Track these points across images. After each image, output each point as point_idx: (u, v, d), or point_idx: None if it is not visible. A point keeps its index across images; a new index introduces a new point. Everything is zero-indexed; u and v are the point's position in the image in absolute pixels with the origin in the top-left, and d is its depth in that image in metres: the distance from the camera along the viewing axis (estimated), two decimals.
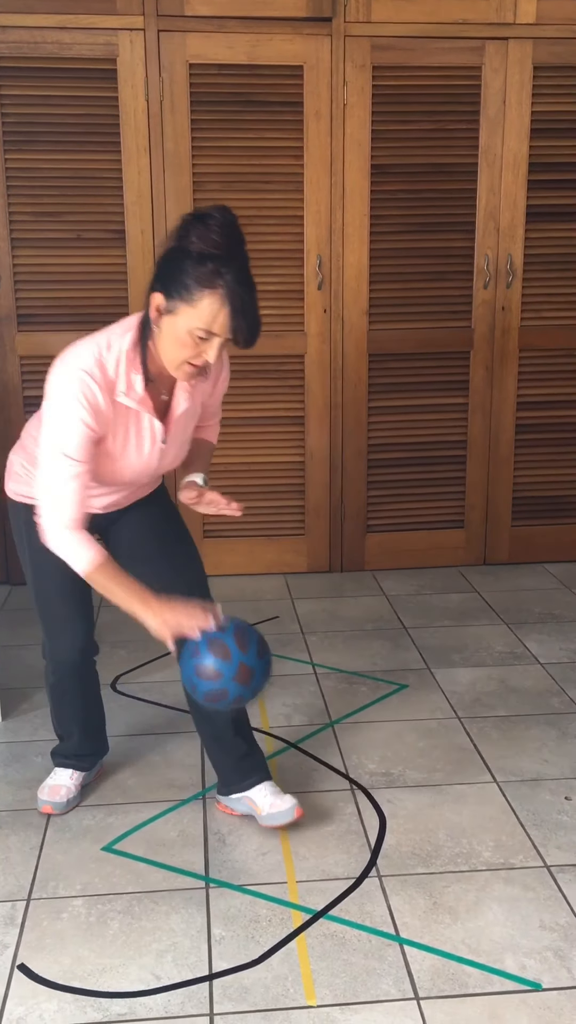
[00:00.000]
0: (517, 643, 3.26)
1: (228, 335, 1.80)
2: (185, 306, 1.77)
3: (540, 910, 1.95)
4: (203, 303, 1.76)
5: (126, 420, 1.92)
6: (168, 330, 1.82)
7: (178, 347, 1.82)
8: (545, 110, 3.66)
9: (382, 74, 3.57)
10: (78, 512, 1.87)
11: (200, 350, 1.81)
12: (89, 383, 1.83)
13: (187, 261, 1.76)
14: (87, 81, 3.47)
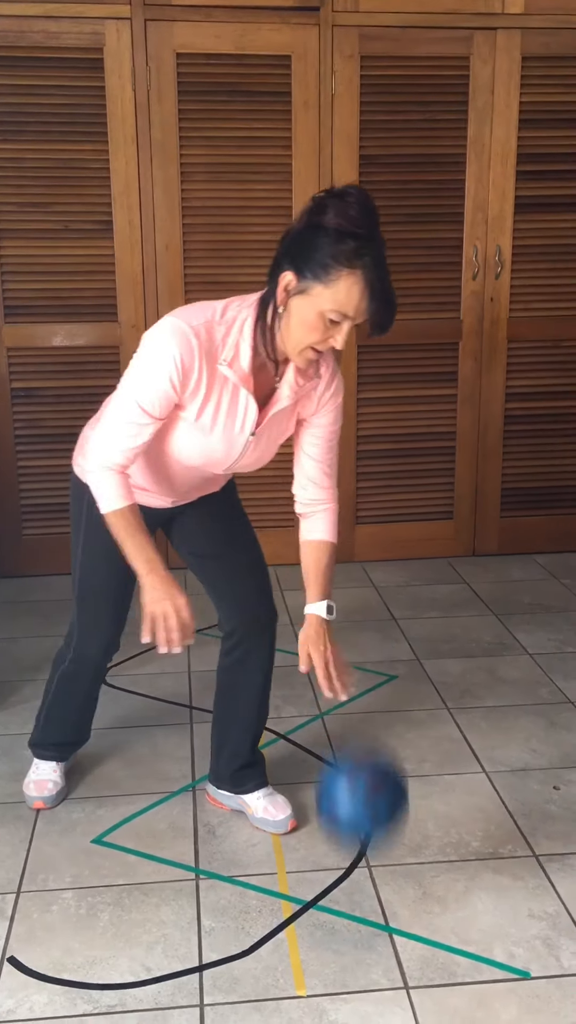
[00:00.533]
0: (506, 634, 3.27)
1: (362, 319, 1.69)
2: (320, 286, 1.65)
3: (529, 899, 1.96)
4: (340, 284, 1.64)
5: (221, 394, 1.80)
6: (297, 311, 1.69)
7: (306, 330, 1.70)
8: (534, 100, 3.65)
9: (370, 64, 3.55)
10: (127, 459, 1.81)
11: (329, 335, 1.70)
12: (191, 341, 1.73)
13: (324, 238, 1.63)
14: (74, 70, 3.45)
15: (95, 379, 3.71)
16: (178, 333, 1.73)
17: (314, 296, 1.67)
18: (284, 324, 1.73)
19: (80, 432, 2.13)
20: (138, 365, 1.79)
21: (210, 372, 1.77)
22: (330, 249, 1.63)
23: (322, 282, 1.65)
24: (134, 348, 4.12)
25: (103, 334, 3.67)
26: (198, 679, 2.95)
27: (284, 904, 1.95)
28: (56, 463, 3.76)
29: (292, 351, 1.76)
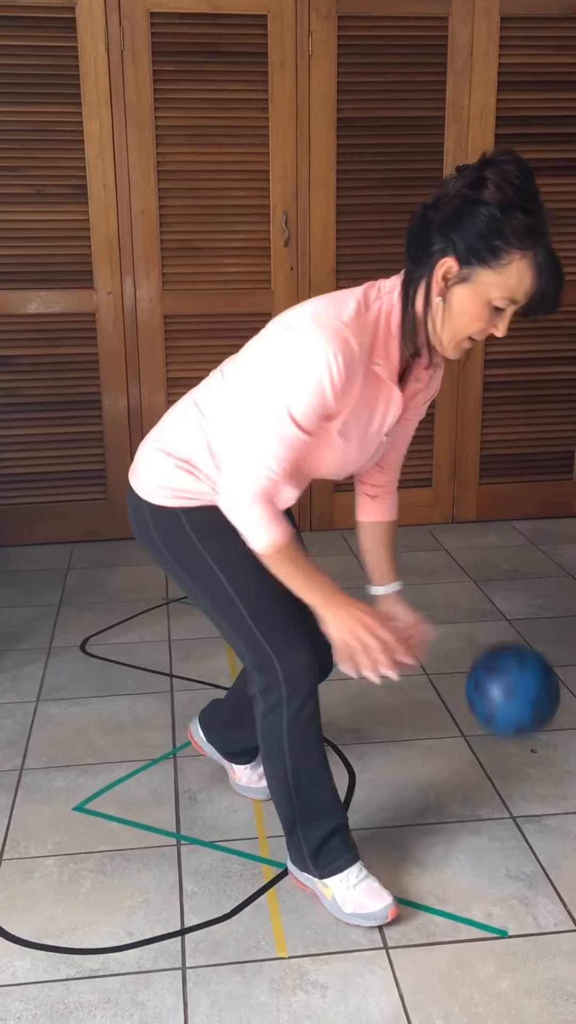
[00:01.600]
0: (485, 600, 3.29)
1: (530, 299, 1.52)
2: (488, 272, 1.48)
3: (506, 860, 1.99)
4: (512, 268, 1.47)
5: (371, 396, 1.61)
6: (459, 301, 1.52)
7: (468, 320, 1.53)
8: (513, 62, 3.61)
9: (348, 24, 3.50)
10: (276, 485, 1.58)
11: (492, 323, 1.55)
12: (351, 342, 1.52)
13: (489, 217, 1.46)
14: (45, 30, 3.37)
15: (72, 347, 3.68)
16: (337, 336, 1.52)
17: (480, 283, 1.49)
18: (439, 315, 1.54)
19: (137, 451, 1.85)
20: (288, 373, 1.54)
21: (363, 374, 1.57)
22: (499, 228, 1.45)
23: (491, 267, 1.48)
24: (111, 315, 4.09)
25: (79, 301, 3.63)
26: (178, 647, 2.96)
27: (265, 868, 1.97)
28: (32, 432, 3.74)
29: (448, 343, 1.57)
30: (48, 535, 3.85)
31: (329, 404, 1.55)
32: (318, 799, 1.81)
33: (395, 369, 1.61)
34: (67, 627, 3.12)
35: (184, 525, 1.73)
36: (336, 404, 1.56)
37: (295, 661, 1.73)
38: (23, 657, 2.91)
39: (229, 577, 1.72)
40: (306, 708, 1.75)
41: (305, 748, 1.78)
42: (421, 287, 1.55)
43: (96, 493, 3.84)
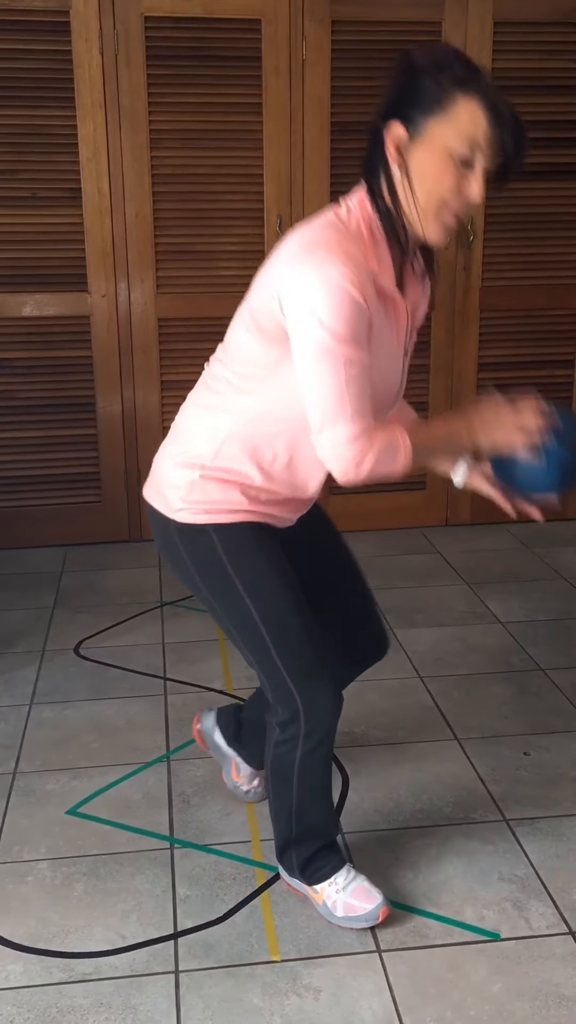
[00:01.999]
0: (478, 603, 3.30)
1: (493, 156, 1.43)
2: (437, 120, 1.40)
3: (499, 863, 1.99)
4: (460, 108, 1.40)
5: (383, 309, 1.50)
6: (419, 164, 1.43)
7: (434, 180, 1.43)
8: (506, 67, 3.62)
9: (342, 29, 3.51)
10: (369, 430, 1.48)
11: (463, 182, 1.44)
12: (351, 250, 1.44)
13: (425, 76, 1.41)
14: (39, 34, 3.38)
15: (66, 350, 3.68)
16: (336, 248, 1.42)
17: (433, 135, 1.41)
18: (405, 191, 1.45)
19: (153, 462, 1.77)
20: (311, 304, 1.42)
21: (375, 294, 1.48)
22: (437, 79, 1.40)
23: (438, 114, 1.40)
24: (105, 318, 4.10)
25: (74, 304, 3.63)
26: (171, 650, 2.96)
27: (258, 871, 1.97)
28: (27, 435, 3.73)
29: (427, 219, 1.47)
30: (42, 538, 3.84)
31: (364, 312, 1.43)
32: (316, 823, 1.82)
33: (391, 277, 1.51)
34: (61, 630, 3.12)
35: (215, 545, 1.64)
36: (369, 312, 1.45)
37: (317, 701, 1.69)
38: (17, 660, 2.91)
39: (259, 608, 1.64)
40: (322, 746, 1.73)
41: (313, 782, 1.77)
42: (380, 174, 1.48)
43: (90, 496, 3.84)
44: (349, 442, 1.49)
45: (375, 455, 1.50)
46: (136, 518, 3.89)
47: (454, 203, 1.47)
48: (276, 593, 1.65)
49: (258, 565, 1.64)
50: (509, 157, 1.45)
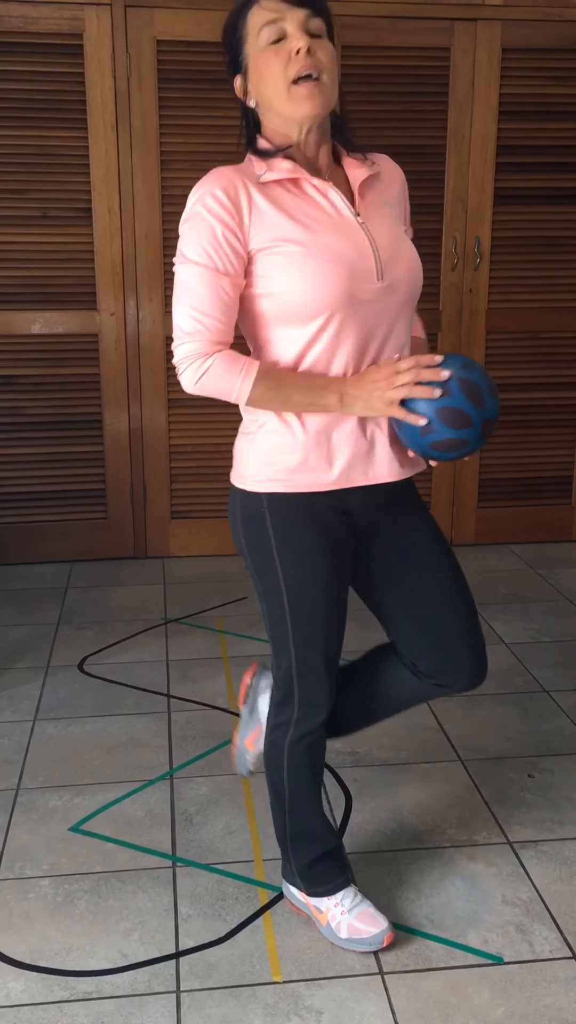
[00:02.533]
0: (482, 623, 3.29)
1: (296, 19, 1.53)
2: (247, 44, 1.56)
3: (503, 886, 1.98)
4: (252, 18, 1.55)
5: (299, 198, 1.58)
6: (256, 76, 1.57)
7: (270, 74, 1.54)
8: (513, 92, 3.66)
9: (351, 54, 3.55)
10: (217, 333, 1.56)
11: (289, 51, 1.52)
12: (210, 186, 1.55)
13: (226, 33, 1.61)
14: (53, 57, 3.42)
15: (74, 367, 3.70)
16: (199, 187, 1.57)
17: (251, 50, 1.57)
18: (264, 105, 1.59)
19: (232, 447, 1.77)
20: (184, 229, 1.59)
21: (261, 190, 1.56)
22: (229, 26, 1.60)
23: (246, 40, 1.57)
24: (114, 336, 4.13)
25: (83, 322, 3.66)
26: (175, 667, 2.96)
27: (261, 891, 1.97)
28: (34, 451, 3.75)
29: (285, 104, 1.55)
30: (47, 554, 3.85)
31: (228, 234, 1.54)
32: (309, 823, 1.83)
33: (292, 166, 1.58)
34: (65, 646, 3.12)
35: (267, 521, 1.64)
36: (253, 229, 1.54)
37: (314, 691, 1.73)
38: (21, 676, 2.91)
39: (291, 600, 1.66)
40: (308, 737, 1.77)
41: (302, 773, 1.79)
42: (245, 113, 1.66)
43: (96, 512, 3.85)
44: (183, 346, 1.59)
45: (211, 365, 1.56)
46: (141, 535, 3.90)
47: (291, 72, 1.53)
48: (311, 590, 1.66)
49: (301, 555, 1.64)
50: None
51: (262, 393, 1.57)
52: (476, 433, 1.55)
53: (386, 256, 1.60)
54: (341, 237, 1.57)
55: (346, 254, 1.56)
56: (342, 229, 1.58)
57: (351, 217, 1.59)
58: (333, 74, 1.58)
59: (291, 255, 1.54)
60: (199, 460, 3.82)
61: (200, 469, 3.84)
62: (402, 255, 1.63)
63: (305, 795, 1.81)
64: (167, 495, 3.86)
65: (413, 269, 1.64)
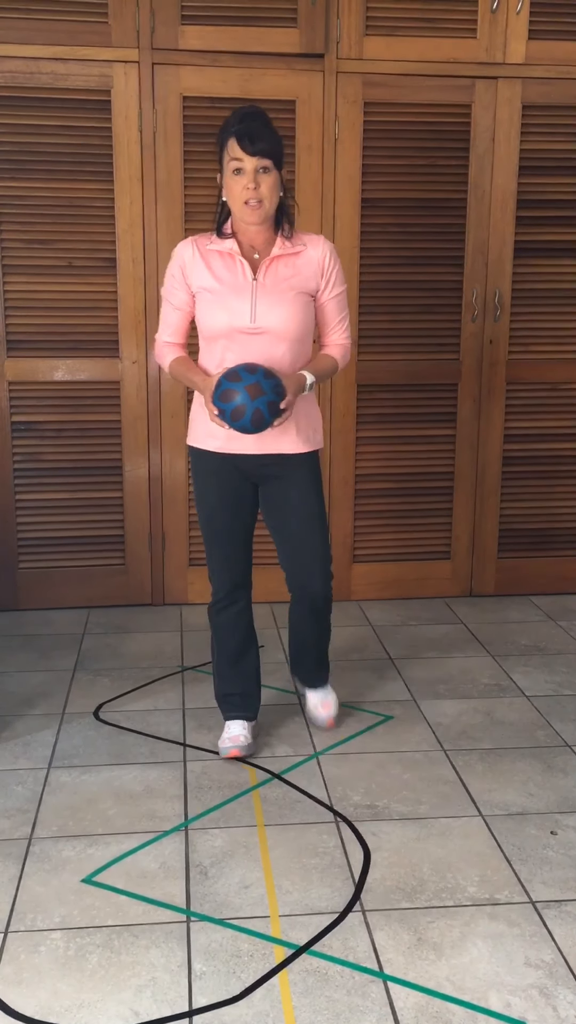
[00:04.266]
0: (503, 675, 3.25)
1: (252, 158, 2.34)
2: (224, 163, 2.40)
3: (525, 947, 1.93)
4: (228, 144, 2.37)
5: (223, 266, 2.48)
6: (225, 188, 2.42)
7: (231, 193, 2.40)
8: (533, 148, 3.71)
9: (373, 110, 3.62)
10: (170, 335, 2.60)
11: (244, 183, 2.36)
12: (179, 247, 2.54)
13: (217, 143, 2.42)
14: (81, 111, 3.50)
15: (96, 414, 3.73)
16: (176, 248, 2.56)
17: (225, 170, 2.41)
18: (229, 204, 2.44)
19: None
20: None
21: (203, 256, 2.48)
22: (219, 140, 2.41)
23: (222, 158, 2.41)
24: (135, 383, 4.19)
25: (105, 369, 3.69)
26: (192, 716, 2.93)
27: (276, 948, 1.92)
28: (54, 496, 3.77)
29: (239, 214, 2.42)
30: (65, 599, 3.85)
31: (179, 278, 2.52)
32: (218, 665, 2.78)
33: (229, 244, 2.47)
34: (81, 693, 3.10)
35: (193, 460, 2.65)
36: (188, 276, 2.50)
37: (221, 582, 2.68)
38: (36, 722, 2.89)
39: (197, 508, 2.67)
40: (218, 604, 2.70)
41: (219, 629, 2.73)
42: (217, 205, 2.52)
43: (114, 559, 3.85)
44: (156, 337, 2.66)
45: (158, 351, 2.64)
46: (159, 582, 3.89)
47: (242, 196, 2.38)
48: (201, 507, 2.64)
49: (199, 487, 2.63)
50: (245, 140, 2.34)
51: (174, 374, 2.61)
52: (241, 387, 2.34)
53: (261, 308, 2.45)
54: (237, 295, 2.46)
55: (237, 306, 2.45)
56: (238, 288, 2.46)
57: (249, 280, 2.46)
58: (272, 198, 2.41)
59: (207, 300, 2.49)
60: None
61: None
62: (276, 310, 2.45)
63: (217, 645, 2.74)
64: (185, 542, 3.86)
65: (285, 320, 2.46)
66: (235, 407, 2.33)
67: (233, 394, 2.33)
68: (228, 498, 2.59)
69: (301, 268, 2.49)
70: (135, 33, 3.46)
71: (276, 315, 2.44)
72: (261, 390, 2.33)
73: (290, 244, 2.49)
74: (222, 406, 2.36)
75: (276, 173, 2.39)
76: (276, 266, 2.47)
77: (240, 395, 2.32)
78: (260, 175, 2.36)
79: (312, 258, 2.51)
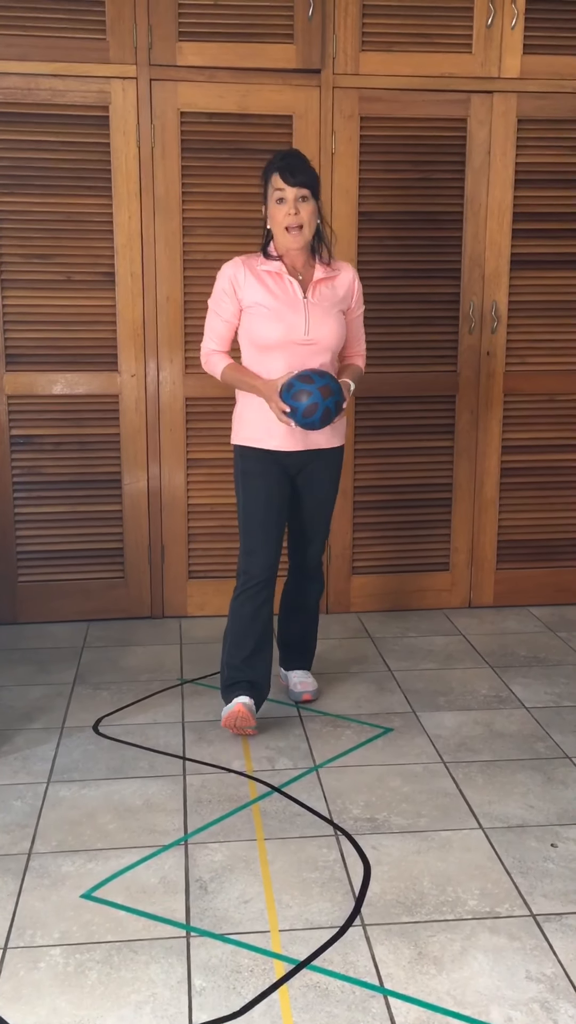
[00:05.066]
0: (502, 687, 3.25)
1: (292, 190, 2.67)
2: (268, 194, 2.73)
3: (526, 960, 1.92)
4: (272, 178, 2.70)
5: (270, 282, 2.77)
6: (269, 215, 2.74)
7: (274, 220, 2.72)
8: (529, 161, 3.73)
9: (370, 124, 3.64)
10: (217, 344, 2.86)
11: (286, 211, 2.69)
12: (228, 265, 2.81)
13: (263, 177, 2.76)
14: (80, 127, 3.52)
15: (94, 427, 3.74)
16: (225, 266, 2.83)
17: (269, 200, 2.73)
18: (272, 230, 2.76)
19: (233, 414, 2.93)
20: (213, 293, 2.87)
21: (254, 275, 2.77)
22: (265, 174, 2.74)
23: (267, 193, 2.73)
24: (134, 397, 4.19)
25: (103, 383, 3.70)
26: (191, 729, 2.92)
27: (277, 963, 1.91)
28: (53, 510, 3.77)
29: (281, 241, 2.74)
30: (64, 613, 3.85)
31: (230, 295, 2.79)
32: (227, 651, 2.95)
33: (278, 264, 2.77)
34: (80, 707, 3.10)
35: (238, 459, 2.92)
36: (240, 292, 2.78)
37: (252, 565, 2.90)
38: (35, 736, 2.89)
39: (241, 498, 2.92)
40: (243, 595, 2.90)
41: (234, 616, 2.93)
42: (264, 231, 2.83)
43: (114, 572, 3.85)
44: (203, 346, 2.92)
45: (206, 359, 2.90)
46: (159, 595, 3.89)
47: (285, 223, 2.71)
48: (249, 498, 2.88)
49: (243, 480, 2.89)
50: (286, 170, 2.67)
51: (226, 381, 2.87)
52: (315, 388, 2.64)
53: (313, 323, 2.76)
54: (291, 312, 2.76)
55: (293, 319, 2.76)
56: (292, 307, 2.77)
57: (299, 300, 2.77)
58: (311, 223, 2.73)
59: (261, 314, 2.77)
60: (217, 520, 3.82)
61: (218, 529, 3.85)
62: (325, 324, 2.78)
63: (234, 637, 2.91)
64: (184, 555, 3.86)
65: (331, 333, 2.79)
66: (308, 405, 2.63)
67: (306, 394, 2.62)
68: (275, 490, 2.85)
69: (338, 289, 2.84)
70: (133, 49, 3.48)
71: (325, 329, 2.77)
72: (331, 391, 2.65)
73: (329, 268, 2.83)
74: (294, 404, 2.64)
75: (314, 203, 2.71)
76: (320, 287, 2.80)
77: (313, 395, 2.62)
78: (300, 203, 2.68)
79: (345, 281, 2.86)
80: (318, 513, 2.98)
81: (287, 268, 2.77)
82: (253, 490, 2.86)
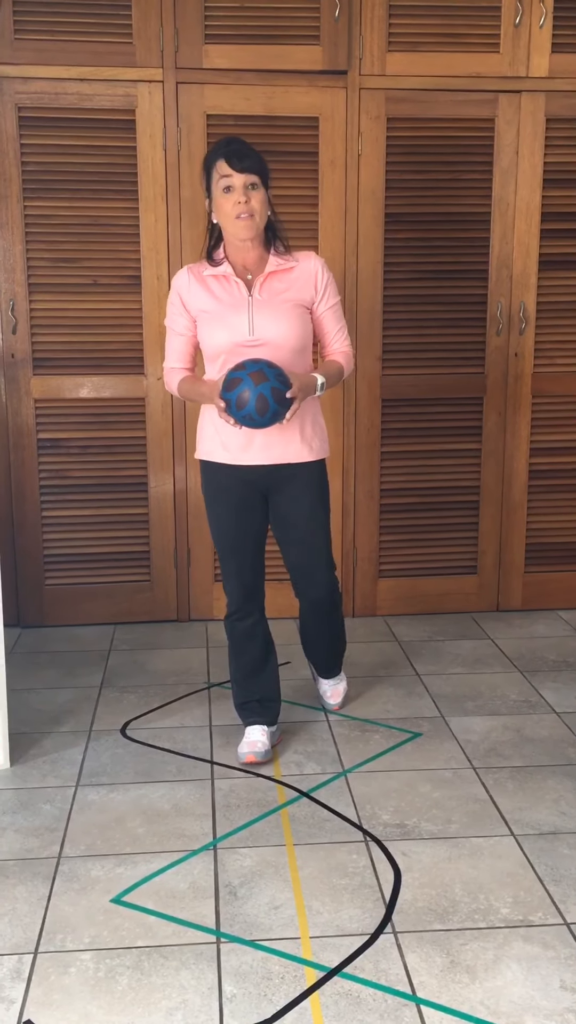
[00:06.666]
0: (532, 691, 3.22)
1: (239, 176, 2.45)
2: (213, 183, 2.50)
3: (561, 969, 1.89)
4: (217, 165, 2.48)
5: (220, 287, 2.58)
6: (216, 207, 2.51)
7: (222, 211, 2.50)
8: (557, 161, 3.70)
9: (396, 125, 3.62)
10: (177, 361, 2.69)
11: (235, 199, 2.46)
12: (176, 277, 2.64)
13: (204, 167, 2.54)
14: (106, 131, 3.53)
15: (121, 430, 3.74)
16: (174, 278, 2.66)
17: (214, 189, 2.50)
18: (220, 223, 2.54)
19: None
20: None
21: (199, 281, 2.59)
22: (206, 163, 2.53)
23: (211, 180, 2.50)
24: (160, 400, 4.19)
25: (130, 386, 3.71)
26: (219, 733, 2.91)
27: (308, 970, 1.90)
28: (80, 513, 3.78)
29: (230, 232, 2.52)
30: (91, 616, 3.85)
31: (178, 306, 2.62)
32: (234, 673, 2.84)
33: (224, 268, 2.57)
34: (108, 710, 3.10)
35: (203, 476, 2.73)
36: (187, 303, 2.60)
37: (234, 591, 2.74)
38: (63, 740, 2.89)
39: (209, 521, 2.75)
40: (231, 617, 2.77)
41: (232, 641, 2.80)
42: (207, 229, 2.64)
43: (140, 575, 3.86)
44: (163, 365, 2.76)
45: (165, 377, 2.75)
46: (185, 598, 3.89)
47: (234, 212, 2.48)
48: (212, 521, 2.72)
49: (210, 502, 2.71)
50: (232, 156, 2.46)
51: (182, 393, 2.71)
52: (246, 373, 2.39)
53: (258, 322, 2.54)
54: (236, 316, 2.55)
55: (236, 322, 2.55)
56: (237, 310, 2.56)
57: (246, 297, 2.57)
58: (262, 212, 2.51)
59: (207, 321, 2.58)
60: None
61: None
62: (274, 322, 2.55)
63: (234, 655, 2.81)
64: (211, 558, 3.86)
65: (284, 331, 2.55)
66: (239, 394, 2.37)
67: (237, 382, 2.38)
68: (239, 511, 2.65)
69: (294, 282, 2.60)
70: (159, 53, 3.48)
71: (273, 327, 2.54)
72: (264, 376, 2.37)
73: (283, 260, 2.60)
74: (227, 396, 2.40)
75: (264, 191, 2.51)
76: (271, 281, 2.58)
77: (243, 382, 2.37)
78: (249, 191, 2.47)
79: (305, 271, 2.61)
80: (308, 539, 2.71)
81: (236, 269, 2.57)
82: (215, 516, 2.68)
